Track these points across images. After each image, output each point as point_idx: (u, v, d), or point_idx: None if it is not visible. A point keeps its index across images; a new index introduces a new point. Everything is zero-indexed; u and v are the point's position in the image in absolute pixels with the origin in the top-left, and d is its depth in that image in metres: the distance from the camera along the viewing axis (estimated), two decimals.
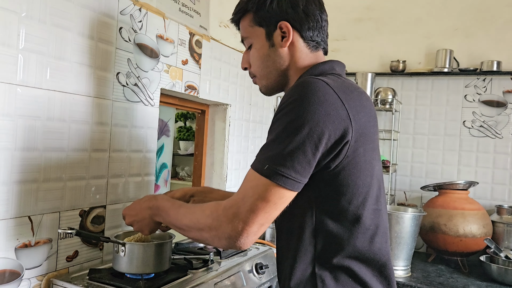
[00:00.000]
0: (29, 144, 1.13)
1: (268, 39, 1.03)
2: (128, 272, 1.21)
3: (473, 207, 2.19)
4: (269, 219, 0.85)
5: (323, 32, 1.06)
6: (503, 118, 2.40)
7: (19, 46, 1.09)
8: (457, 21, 2.50)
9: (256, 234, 0.85)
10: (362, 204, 0.93)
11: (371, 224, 0.94)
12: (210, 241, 0.91)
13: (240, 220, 0.84)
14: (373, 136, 0.96)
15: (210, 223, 0.88)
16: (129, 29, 1.43)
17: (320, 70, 1.01)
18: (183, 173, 3.45)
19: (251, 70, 1.09)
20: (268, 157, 0.84)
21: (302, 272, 0.94)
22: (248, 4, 1.04)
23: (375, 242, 0.95)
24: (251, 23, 1.05)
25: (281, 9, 1.00)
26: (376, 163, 0.98)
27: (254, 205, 0.83)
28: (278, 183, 0.82)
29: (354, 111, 0.88)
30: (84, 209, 1.31)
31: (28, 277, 1.15)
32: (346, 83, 0.95)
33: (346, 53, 2.77)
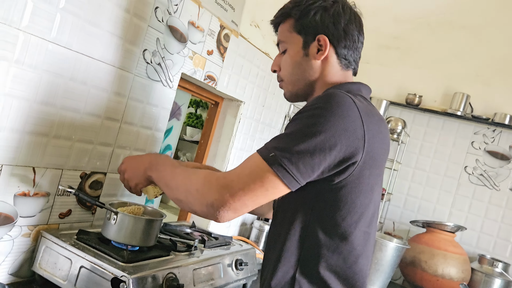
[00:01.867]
0: (48, 99, 1.17)
1: (304, 48, 1.06)
2: (115, 240, 1.25)
3: (456, 250, 2.22)
4: (254, 203, 0.88)
5: (357, 53, 1.09)
6: (504, 172, 2.43)
7: (59, 5, 1.13)
8: (479, 68, 2.53)
9: (236, 212, 0.88)
10: (354, 224, 0.96)
11: (358, 244, 0.97)
12: (192, 204, 0.93)
13: (229, 192, 0.86)
14: (382, 162, 0.99)
15: (199, 186, 0.91)
16: (164, 10, 1.48)
17: (348, 88, 1.03)
18: (184, 158, 3.49)
19: (280, 73, 1.12)
20: (277, 147, 0.87)
21: (284, 274, 0.98)
22: (292, 10, 1.07)
23: (358, 263, 0.98)
24: (291, 29, 1.08)
25: (323, 23, 1.03)
26: (377, 188, 1.01)
27: (246, 184, 0.86)
28: (277, 174, 0.85)
29: (371, 134, 0.91)
30: (86, 172, 1.35)
31: (20, 225, 1.19)
32: (370, 107, 0.98)
33: (366, 77, 2.79)
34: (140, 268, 1.16)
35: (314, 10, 1.03)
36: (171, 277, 1.22)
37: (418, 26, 2.70)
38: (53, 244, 1.21)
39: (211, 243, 1.59)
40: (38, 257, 1.22)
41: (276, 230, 1.04)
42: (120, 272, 1.10)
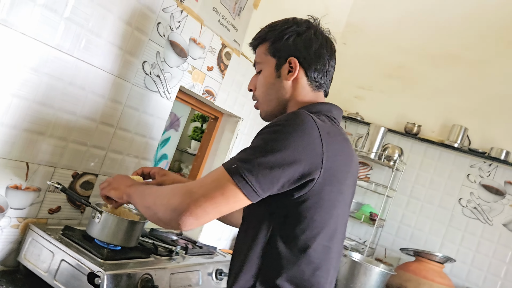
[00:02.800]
0: (46, 100, 1.26)
1: (276, 69, 1.12)
2: (97, 238, 1.31)
3: (443, 281, 2.22)
4: (215, 211, 0.91)
5: (328, 76, 1.15)
6: (498, 207, 2.44)
7: (64, 14, 1.23)
8: (478, 102, 2.57)
9: (198, 219, 0.90)
10: (313, 238, 0.99)
11: (317, 258, 1.01)
12: (157, 210, 0.96)
13: (191, 198, 0.90)
14: (344, 180, 1.03)
15: (166, 193, 0.96)
16: (166, 26, 1.57)
17: (318, 109, 1.09)
18: (186, 171, 3.57)
19: (255, 93, 1.19)
20: (240, 159, 0.92)
21: (245, 282, 1.02)
22: (267, 34, 1.15)
23: (316, 275, 1.01)
24: (266, 52, 1.14)
25: (295, 46, 1.10)
26: (339, 205, 1.04)
27: (208, 192, 0.90)
28: (237, 184, 0.89)
29: (330, 153, 0.96)
30: (78, 171, 1.43)
31: (9, 216, 1.27)
32: (333, 127, 1.03)
33: (367, 103, 2.86)
34: (117, 266, 1.22)
35: (288, 35, 1.10)
36: (147, 278, 1.27)
37: (421, 57, 2.76)
38: (38, 237, 1.28)
39: (193, 251, 1.64)
40: (24, 248, 1.29)
41: (241, 240, 1.08)
42: (97, 267, 1.16)
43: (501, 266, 2.40)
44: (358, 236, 2.73)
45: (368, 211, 2.58)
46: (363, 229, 2.73)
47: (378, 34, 2.91)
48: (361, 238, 2.72)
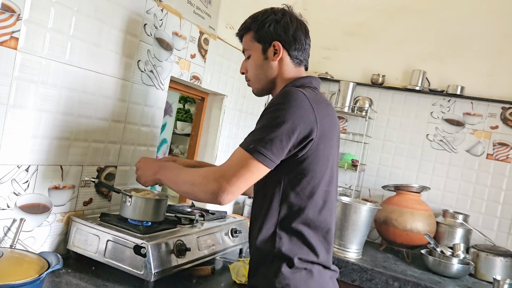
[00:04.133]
0: (67, 109, 1.46)
1: (263, 53, 1.36)
2: (131, 218, 1.55)
3: (421, 207, 2.56)
4: (246, 184, 1.15)
5: (306, 53, 1.40)
6: (460, 136, 2.77)
7: (69, 33, 1.41)
8: (433, 46, 2.85)
9: (233, 194, 1.16)
10: (316, 185, 1.25)
11: (320, 200, 1.27)
12: (198, 194, 1.20)
13: (225, 180, 1.14)
14: (332, 137, 1.28)
15: (201, 180, 1.19)
16: (151, 26, 1.75)
17: (301, 82, 1.33)
18: (177, 151, 3.78)
19: (247, 75, 1.42)
20: (254, 140, 1.16)
21: (267, 231, 1.27)
22: (251, 24, 1.37)
23: (322, 214, 1.28)
24: (252, 39, 1.37)
25: (276, 32, 1.33)
26: (331, 157, 1.29)
27: (237, 171, 1.14)
28: (258, 159, 1.13)
29: (321, 117, 1.21)
30: (101, 166, 1.65)
31: (54, 212, 1.49)
32: (318, 96, 1.28)
33: (334, 62, 3.11)
34: (155, 237, 1.47)
35: (268, 23, 1.33)
36: (180, 243, 1.53)
37: (377, 12, 3.01)
38: (82, 225, 1.51)
39: (209, 217, 1.90)
40: (71, 237, 1.52)
41: (258, 200, 1.33)
42: (140, 240, 1.41)
43: (469, 187, 2.76)
44: (344, 182, 3.05)
45: (350, 159, 2.88)
46: (347, 176, 3.04)
47: None
48: (347, 184, 3.04)
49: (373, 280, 2.26)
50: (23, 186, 1.35)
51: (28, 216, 1.39)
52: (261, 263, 1.27)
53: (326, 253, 1.29)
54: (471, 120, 2.76)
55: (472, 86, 2.75)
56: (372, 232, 2.86)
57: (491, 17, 2.73)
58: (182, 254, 1.51)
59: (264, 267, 1.26)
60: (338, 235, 2.40)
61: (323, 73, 3.09)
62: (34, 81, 1.33)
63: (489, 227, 2.69)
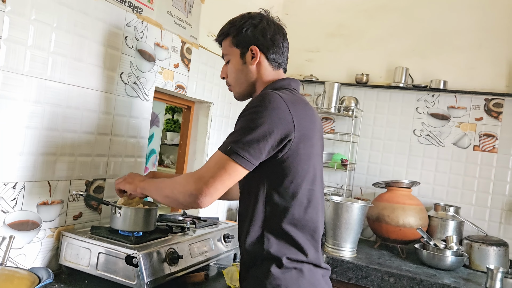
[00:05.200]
0: (52, 125, 1.46)
1: (241, 57, 1.38)
2: (122, 230, 1.55)
3: (412, 202, 2.59)
4: (223, 186, 1.17)
5: (284, 56, 1.42)
6: (446, 130, 2.81)
7: (50, 49, 1.42)
8: (414, 43, 2.90)
9: (212, 196, 1.16)
10: (299, 184, 1.26)
11: (304, 199, 1.28)
12: (177, 196, 1.21)
13: (202, 182, 1.16)
14: (313, 136, 1.30)
15: (180, 183, 1.21)
16: (132, 38, 1.77)
17: (280, 85, 1.35)
18: (168, 161, 3.79)
19: (228, 80, 1.44)
20: (232, 141, 1.18)
21: (255, 233, 1.28)
22: (229, 29, 1.39)
23: (308, 212, 1.29)
24: (230, 44, 1.39)
25: (254, 36, 1.35)
26: (313, 156, 1.31)
27: (215, 173, 1.16)
28: (235, 160, 1.15)
29: (298, 118, 1.22)
30: (89, 179, 1.65)
31: (44, 228, 1.49)
32: (296, 97, 1.30)
33: (318, 64, 3.14)
34: (146, 247, 1.47)
35: (245, 27, 1.35)
36: (172, 251, 1.54)
37: (358, 12, 3.05)
38: (73, 240, 1.51)
39: (201, 224, 1.91)
40: (62, 252, 1.52)
41: (244, 203, 1.34)
42: (131, 250, 1.41)
43: (459, 179, 2.79)
44: (335, 182, 3.07)
45: (339, 159, 2.91)
46: (338, 175, 3.06)
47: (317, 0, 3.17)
48: (338, 184, 3.06)
49: (369, 277, 2.27)
50: (11, 203, 1.36)
51: (18, 233, 1.39)
52: (251, 266, 1.28)
53: (315, 252, 1.30)
54: (456, 113, 2.80)
55: (455, 80, 2.79)
56: (365, 230, 2.88)
57: (470, 11, 2.78)
58: (174, 262, 1.52)
59: (255, 269, 1.27)
60: (332, 234, 2.42)
61: (308, 76, 3.13)
62: (17, 98, 1.33)
63: (480, 217, 2.72)
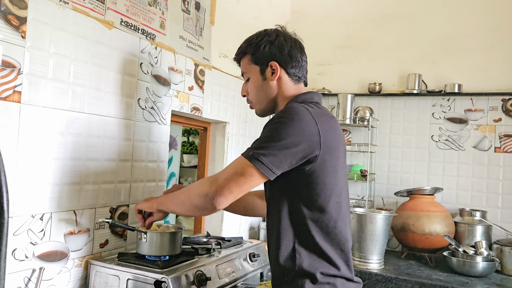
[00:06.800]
0: (75, 155, 1.48)
1: (261, 74, 1.39)
2: (148, 255, 1.55)
3: (437, 209, 2.54)
4: (239, 190, 1.17)
5: (303, 69, 1.42)
6: (465, 133, 2.77)
7: (69, 81, 1.45)
8: (424, 49, 2.89)
9: (226, 198, 1.17)
10: (327, 198, 1.24)
11: (334, 212, 1.26)
12: (193, 200, 1.23)
13: (217, 183, 1.18)
14: (338, 148, 1.29)
15: (196, 186, 1.24)
16: (147, 64, 1.80)
17: (302, 98, 1.35)
18: (186, 183, 3.79)
19: (249, 97, 1.45)
20: (254, 147, 1.19)
21: (286, 248, 1.26)
22: (247, 48, 1.41)
23: (338, 226, 1.27)
24: (249, 62, 1.41)
25: (272, 52, 1.37)
26: (339, 168, 1.29)
27: (230, 176, 1.17)
28: (255, 165, 1.15)
29: (323, 130, 1.22)
30: (113, 206, 1.66)
31: (72, 258, 1.49)
32: (320, 110, 1.30)
33: (330, 76, 3.15)
34: (174, 271, 1.46)
35: (263, 44, 1.36)
36: (199, 273, 1.52)
37: (365, 23, 3.07)
38: (101, 268, 1.51)
39: (226, 244, 1.89)
40: (91, 281, 1.52)
41: (271, 217, 1.34)
42: (160, 275, 1.40)
43: (482, 182, 2.73)
44: (356, 193, 3.03)
45: (359, 170, 2.88)
46: (358, 187, 3.03)
47: (322, 13, 3.19)
48: (359, 195, 3.02)
49: None
50: (39, 235, 1.37)
51: (47, 264, 1.40)
52: (283, 282, 1.27)
53: (345, 266, 1.28)
54: (474, 116, 2.77)
55: (469, 83, 2.76)
56: (391, 241, 2.82)
57: (477, 14, 2.77)
58: (203, 284, 1.50)
59: (287, 285, 1.25)
60: (357, 247, 2.38)
61: (320, 89, 3.13)
62: (40, 131, 1.36)
63: (508, 220, 2.65)
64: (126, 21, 1.68)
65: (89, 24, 1.51)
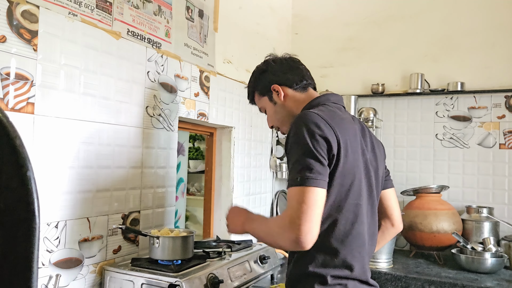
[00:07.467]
0: (87, 163, 1.51)
1: (271, 101, 1.47)
2: (161, 259, 1.58)
3: (444, 207, 2.55)
4: (316, 216, 1.12)
5: (306, 76, 1.45)
6: (469, 131, 2.79)
7: (80, 91, 1.49)
8: (426, 48, 2.91)
9: (311, 231, 1.11)
10: (344, 199, 1.23)
11: (351, 213, 1.24)
12: (281, 245, 1.23)
13: (295, 224, 1.11)
14: (355, 148, 1.27)
15: (278, 230, 1.18)
16: (154, 72, 1.84)
17: (317, 102, 1.37)
18: (193, 189, 3.82)
19: (275, 124, 1.52)
20: (297, 172, 1.16)
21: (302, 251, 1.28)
22: (250, 89, 1.54)
23: (355, 228, 1.25)
24: (259, 97, 1.52)
25: (268, 79, 1.46)
26: (357, 170, 1.27)
27: (302, 210, 1.12)
28: (310, 185, 1.13)
29: (338, 130, 1.21)
30: (125, 213, 1.69)
31: (86, 264, 1.52)
32: (332, 111, 1.29)
33: (333, 78, 3.18)
34: (187, 274, 1.49)
35: (259, 78, 1.49)
36: (212, 276, 1.55)
37: (366, 25, 3.09)
38: (115, 273, 1.54)
39: (236, 247, 1.92)
40: (106, 286, 1.55)
41: None
42: (174, 279, 1.43)
43: (488, 179, 2.75)
44: None
45: None
46: None
47: (323, 16, 3.23)
48: None
49: (409, 287, 2.23)
50: (54, 242, 1.40)
51: (63, 271, 1.42)
52: (296, 284, 1.28)
53: (361, 268, 1.27)
54: (477, 114, 2.78)
55: (472, 81, 2.78)
56: (399, 240, 2.84)
57: (478, 12, 2.79)
58: (215, 287, 1.53)
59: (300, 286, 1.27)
60: None
61: (323, 91, 3.15)
62: (53, 141, 1.39)
63: None
64: (133, 31, 1.72)
65: (97, 35, 1.55)
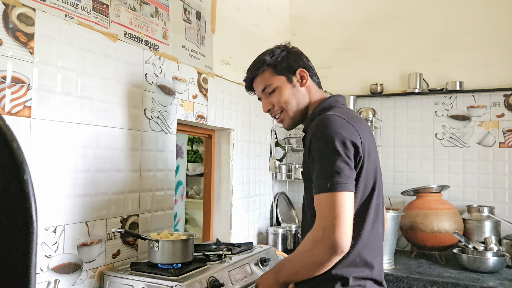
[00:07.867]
0: (85, 167, 1.50)
1: (290, 82, 1.39)
2: (161, 263, 1.56)
3: (445, 207, 2.54)
4: (349, 219, 1.13)
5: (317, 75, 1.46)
6: (469, 130, 2.78)
7: (77, 94, 1.47)
8: (424, 48, 2.91)
9: (346, 234, 1.11)
10: (367, 199, 1.24)
11: (373, 213, 1.25)
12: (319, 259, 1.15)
13: (329, 229, 1.11)
14: (373, 150, 1.29)
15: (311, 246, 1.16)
16: (152, 74, 1.82)
17: (328, 103, 1.36)
18: (192, 192, 3.80)
19: (275, 108, 1.41)
20: (326, 178, 1.15)
21: None
22: (264, 63, 1.40)
23: (375, 228, 1.26)
24: (272, 74, 1.40)
25: (295, 60, 1.40)
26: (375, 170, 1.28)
27: (333, 215, 1.11)
28: (340, 190, 1.13)
29: (361, 133, 1.22)
30: (124, 216, 1.67)
31: (85, 269, 1.50)
32: (350, 113, 1.30)
33: (331, 79, 3.16)
34: (187, 278, 1.47)
35: (281, 56, 1.39)
36: (213, 279, 1.53)
37: (364, 25, 3.09)
38: (115, 278, 1.52)
39: (236, 250, 1.90)
40: None
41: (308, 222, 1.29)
42: (174, 283, 1.41)
43: (488, 178, 2.74)
44: None
45: None
46: None
47: (321, 17, 3.22)
48: None
49: None
50: (52, 247, 1.38)
51: (62, 276, 1.41)
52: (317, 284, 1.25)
53: (379, 267, 1.29)
54: (476, 113, 2.77)
55: (470, 80, 2.77)
56: (400, 240, 2.82)
57: (476, 11, 2.78)
58: None
59: None
60: None
61: None
62: (50, 144, 1.38)
63: None
64: (130, 33, 1.71)
65: (94, 37, 1.54)
